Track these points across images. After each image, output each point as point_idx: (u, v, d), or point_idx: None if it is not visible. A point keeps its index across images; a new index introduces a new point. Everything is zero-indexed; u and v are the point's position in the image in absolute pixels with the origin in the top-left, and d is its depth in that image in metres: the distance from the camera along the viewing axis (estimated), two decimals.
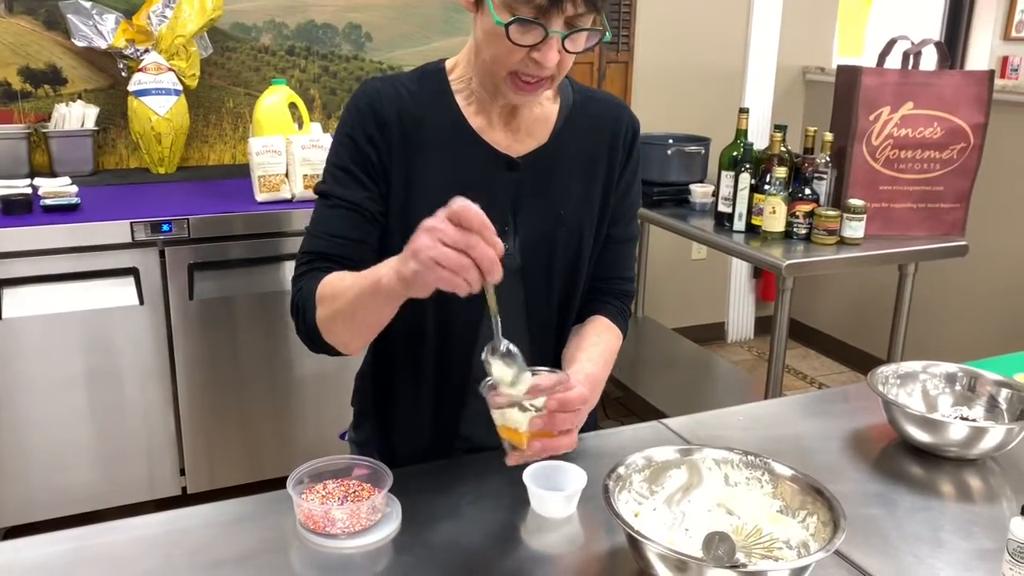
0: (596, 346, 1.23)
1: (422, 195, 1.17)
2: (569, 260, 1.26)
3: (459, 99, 1.20)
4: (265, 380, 2.49)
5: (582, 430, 1.33)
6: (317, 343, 1.13)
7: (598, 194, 1.26)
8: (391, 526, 1.03)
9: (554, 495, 1.08)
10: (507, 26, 1.03)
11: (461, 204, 0.88)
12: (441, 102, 1.20)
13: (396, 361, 1.29)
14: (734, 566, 0.90)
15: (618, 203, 1.29)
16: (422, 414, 1.29)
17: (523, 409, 0.99)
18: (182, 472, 2.46)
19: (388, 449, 1.34)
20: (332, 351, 1.13)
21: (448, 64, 1.23)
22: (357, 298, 1.03)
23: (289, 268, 2.43)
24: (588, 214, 1.26)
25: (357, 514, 1.02)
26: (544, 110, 1.24)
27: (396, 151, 1.17)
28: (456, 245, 0.87)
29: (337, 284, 1.08)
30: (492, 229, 0.89)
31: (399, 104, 1.17)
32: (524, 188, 1.21)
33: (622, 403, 3.41)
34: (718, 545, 0.93)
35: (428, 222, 0.90)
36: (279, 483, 1.10)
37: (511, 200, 1.21)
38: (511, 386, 0.99)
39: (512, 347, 0.99)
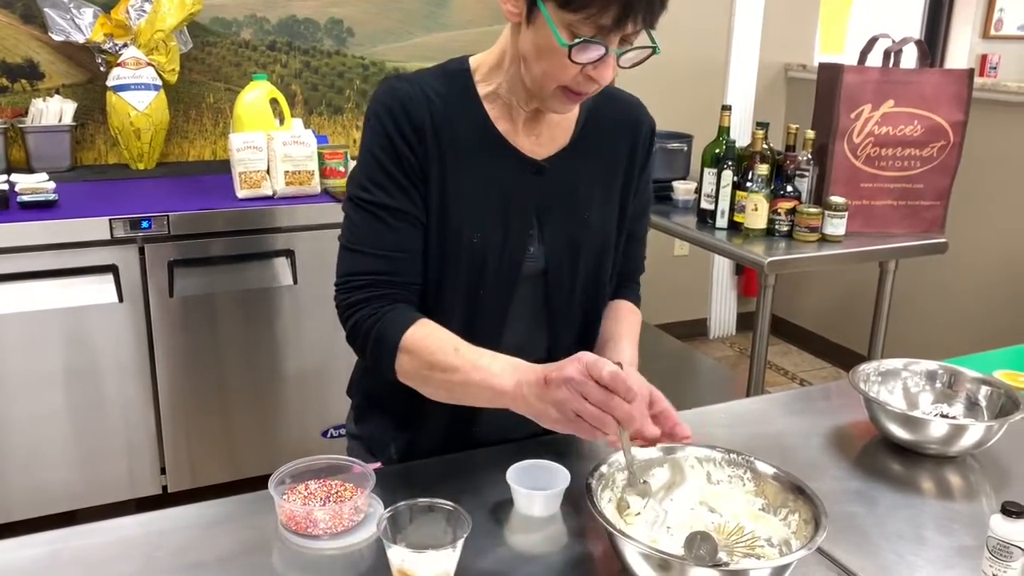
0: (629, 336, 1.28)
1: (456, 199, 1.16)
2: (593, 262, 1.26)
3: (486, 103, 1.18)
4: (246, 378, 2.47)
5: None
6: (387, 375, 1.13)
7: (618, 194, 1.27)
8: (373, 527, 1.03)
9: (538, 494, 1.08)
10: (570, 47, 1.02)
11: (613, 372, 0.92)
12: (468, 105, 1.18)
13: None
14: (716, 565, 0.90)
15: (637, 201, 1.30)
16: (441, 408, 1.25)
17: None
18: (163, 471, 2.44)
19: (403, 443, 1.29)
20: (394, 377, 1.13)
21: (472, 64, 1.20)
22: (468, 386, 1.05)
23: (270, 265, 2.42)
24: (611, 215, 1.26)
25: (339, 515, 1.01)
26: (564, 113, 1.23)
27: (431, 154, 1.15)
28: (600, 405, 0.92)
29: (439, 355, 1.07)
30: (632, 390, 0.93)
31: (429, 106, 1.15)
32: (549, 192, 1.21)
33: None
34: (700, 544, 0.93)
35: (568, 373, 0.93)
36: (261, 481, 1.09)
37: (536, 204, 1.20)
38: (637, 515, 1.01)
39: (647, 496, 1.02)
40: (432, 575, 0.90)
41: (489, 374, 1.02)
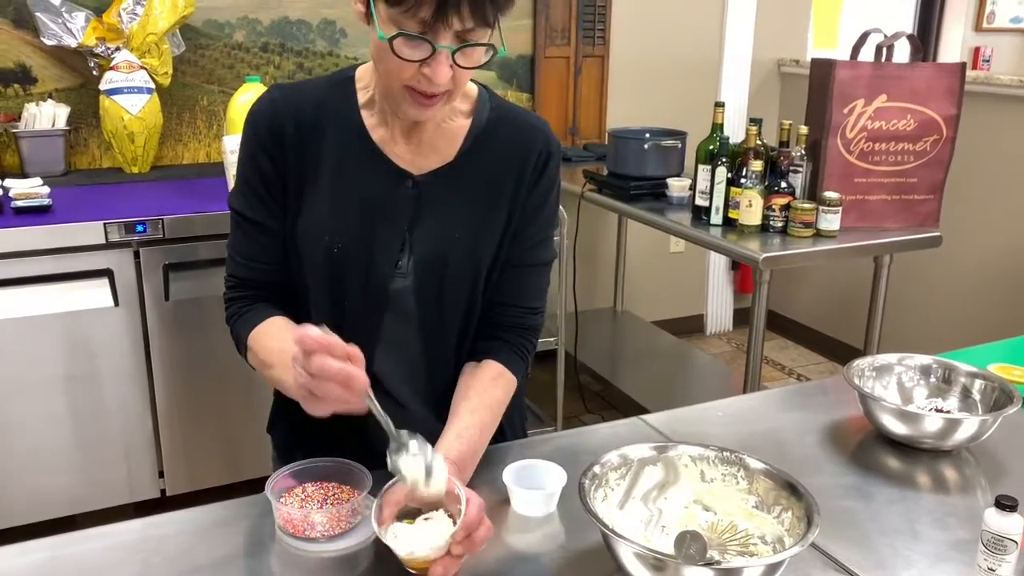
0: (474, 412, 1.14)
1: (318, 206, 1.15)
2: (465, 284, 1.20)
3: (363, 111, 1.17)
4: (243, 381, 2.47)
5: (507, 436, 1.32)
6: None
7: (502, 218, 1.20)
8: (371, 528, 1.03)
9: (534, 494, 1.08)
10: (391, 40, 1.00)
11: (298, 333, 0.90)
12: (345, 113, 1.16)
13: None
14: (708, 563, 0.90)
15: (523, 227, 1.22)
16: (326, 422, 1.27)
17: (409, 516, 0.97)
18: (161, 474, 2.45)
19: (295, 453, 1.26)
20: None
21: (357, 73, 1.20)
22: (277, 382, 1.12)
23: None
24: (488, 238, 1.20)
25: (337, 517, 1.02)
26: (452, 125, 1.19)
27: (292, 164, 1.14)
28: (309, 371, 0.90)
29: (264, 351, 1.15)
30: (336, 345, 0.90)
31: (297, 116, 1.14)
32: (422, 206, 1.17)
33: (602, 396, 3.42)
34: (690, 544, 0.93)
35: (292, 354, 0.93)
36: (258, 484, 1.09)
37: (408, 217, 1.17)
38: (427, 484, 0.94)
39: (415, 438, 0.96)
40: (429, 552, 0.91)
41: (284, 371, 1.03)
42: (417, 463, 0.95)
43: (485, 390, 1.18)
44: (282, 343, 1.08)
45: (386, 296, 1.18)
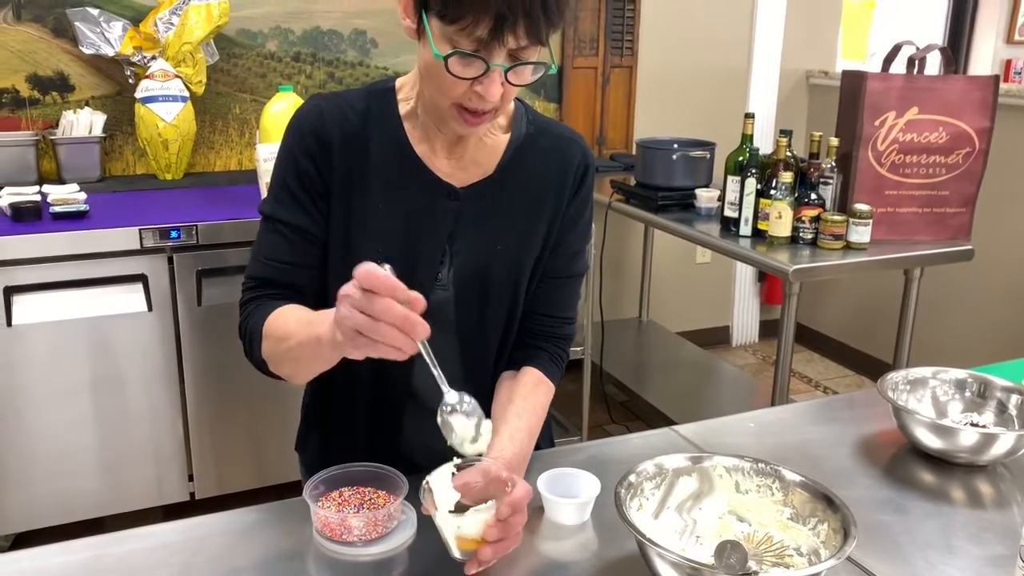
0: (521, 417, 1.17)
1: (363, 217, 1.16)
2: (505, 296, 1.22)
3: (406, 123, 1.17)
4: (273, 386, 2.47)
5: (541, 444, 1.31)
6: (265, 372, 1.16)
7: (542, 231, 1.22)
8: (407, 533, 1.04)
9: (568, 502, 1.09)
10: (446, 59, 1.00)
11: (364, 269, 0.85)
12: (387, 125, 1.16)
13: (334, 383, 1.26)
14: (745, 574, 0.91)
15: (560, 237, 1.24)
16: (358, 436, 1.28)
17: (460, 509, 0.95)
18: (190, 478, 2.47)
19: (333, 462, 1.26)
20: (280, 378, 1.16)
21: (397, 84, 1.20)
22: (300, 347, 1.04)
23: None
24: (529, 250, 1.22)
25: (373, 521, 1.03)
26: (493, 140, 1.20)
27: (338, 173, 1.15)
28: (369, 312, 0.85)
29: (282, 327, 1.09)
30: (401, 287, 0.86)
31: (343, 125, 1.14)
32: (463, 219, 1.18)
33: (627, 406, 3.41)
34: (730, 554, 0.94)
35: (342, 289, 0.88)
36: (287, 488, 1.10)
37: (449, 230, 1.18)
38: (474, 441, 0.96)
39: (465, 397, 0.96)
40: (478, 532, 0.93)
41: (311, 327, 1.00)
42: (469, 423, 0.95)
43: (529, 395, 1.21)
44: (299, 316, 1.07)
45: (426, 309, 1.19)
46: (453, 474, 0.97)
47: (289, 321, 1.09)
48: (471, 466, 0.98)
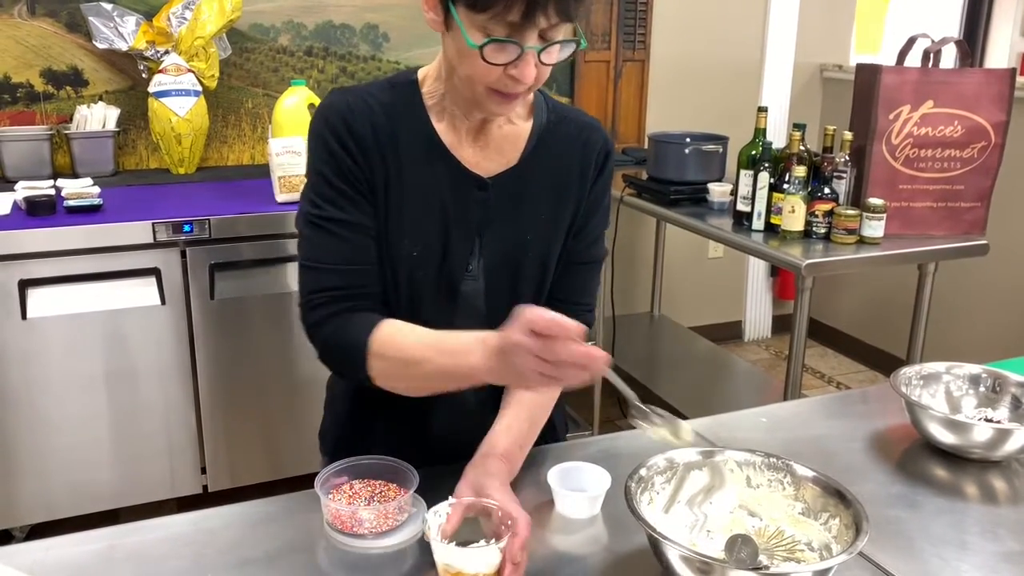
0: (522, 404, 1.19)
1: (398, 210, 1.15)
2: (534, 283, 1.23)
3: (431, 115, 1.17)
4: (285, 379, 2.51)
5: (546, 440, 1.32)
6: (364, 383, 1.11)
7: (567, 217, 1.23)
8: (417, 526, 1.04)
9: (579, 496, 1.09)
10: (481, 48, 1.00)
11: (535, 317, 0.89)
12: (414, 117, 1.16)
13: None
14: (756, 568, 0.90)
15: (583, 224, 1.25)
16: (387, 430, 1.27)
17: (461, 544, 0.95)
18: (203, 470, 2.48)
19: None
20: (371, 383, 1.12)
21: (420, 75, 1.19)
22: (441, 374, 1.03)
23: None
24: (555, 238, 1.23)
25: (384, 514, 1.03)
26: (515, 128, 1.20)
27: (375, 164, 1.14)
28: (551, 359, 0.89)
29: (409, 351, 1.06)
30: (571, 325, 0.89)
31: (371, 118, 1.13)
32: (492, 209, 1.18)
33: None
34: (741, 547, 0.93)
35: (515, 340, 0.90)
36: (299, 481, 1.11)
37: (479, 221, 1.18)
38: (678, 438, 1.00)
39: (656, 409, 1.00)
40: (477, 571, 0.92)
41: (457, 356, 1.01)
42: (663, 428, 0.99)
43: (528, 401, 1.20)
44: (425, 340, 1.06)
45: (456, 298, 1.20)
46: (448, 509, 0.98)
47: (415, 344, 1.07)
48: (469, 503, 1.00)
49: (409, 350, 1.07)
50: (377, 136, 1.13)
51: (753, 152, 2.54)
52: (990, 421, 1.29)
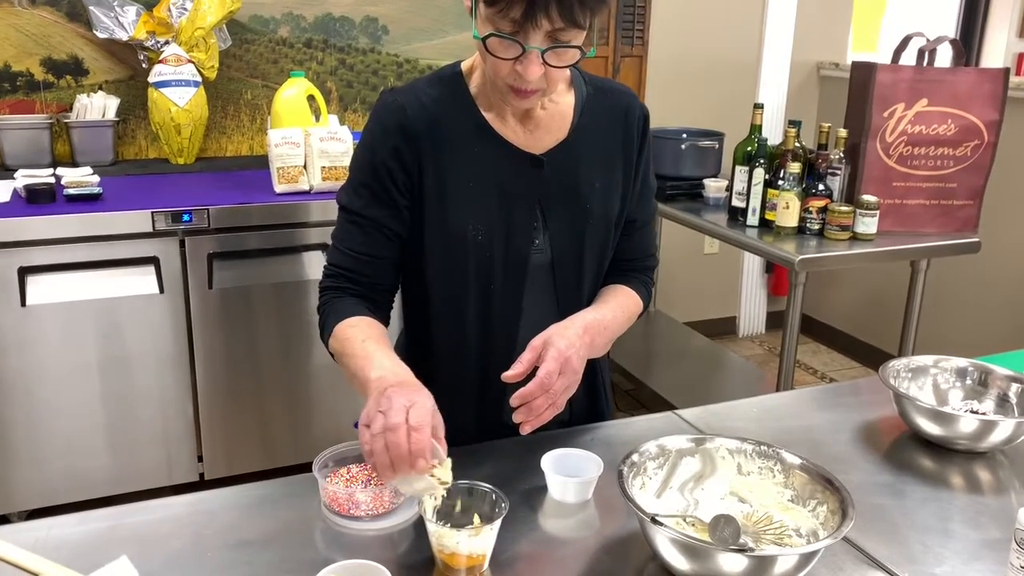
0: (607, 302, 1.29)
1: (456, 197, 1.20)
2: (598, 251, 1.29)
3: (478, 102, 1.22)
4: (282, 369, 2.52)
5: (595, 418, 1.36)
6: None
7: (619, 183, 1.29)
8: (413, 509, 1.06)
9: (571, 481, 1.11)
10: (484, 40, 1.06)
11: (388, 397, 0.98)
12: (463, 107, 1.22)
13: (437, 359, 1.30)
14: (741, 549, 0.92)
15: (636, 185, 1.32)
16: (464, 404, 1.30)
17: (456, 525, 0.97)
18: (200, 459, 2.50)
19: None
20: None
21: (464, 67, 1.25)
22: (352, 373, 1.13)
23: (307, 258, 2.47)
24: (612, 204, 1.29)
25: (380, 497, 1.05)
26: (559, 106, 1.25)
27: (427, 161, 1.20)
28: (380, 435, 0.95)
29: (350, 344, 1.15)
30: (422, 425, 0.96)
31: (424, 114, 1.19)
32: (550, 185, 1.24)
33: (633, 396, 3.43)
34: (723, 527, 0.95)
35: (375, 405, 0.98)
36: (295, 470, 1.12)
37: (538, 197, 1.23)
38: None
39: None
40: (470, 553, 0.94)
41: (366, 370, 1.08)
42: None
43: (619, 292, 1.32)
44: (366, 345, 1.14)
45: (525, 272, 1.25)
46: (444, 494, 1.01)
47: (356, 340, 1.15)
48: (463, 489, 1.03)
49: (350, 344, 1.16)
50: (432, 132, 1.19)
51: (749, 148, 2.56)
52: (976, 413, 1.32)
